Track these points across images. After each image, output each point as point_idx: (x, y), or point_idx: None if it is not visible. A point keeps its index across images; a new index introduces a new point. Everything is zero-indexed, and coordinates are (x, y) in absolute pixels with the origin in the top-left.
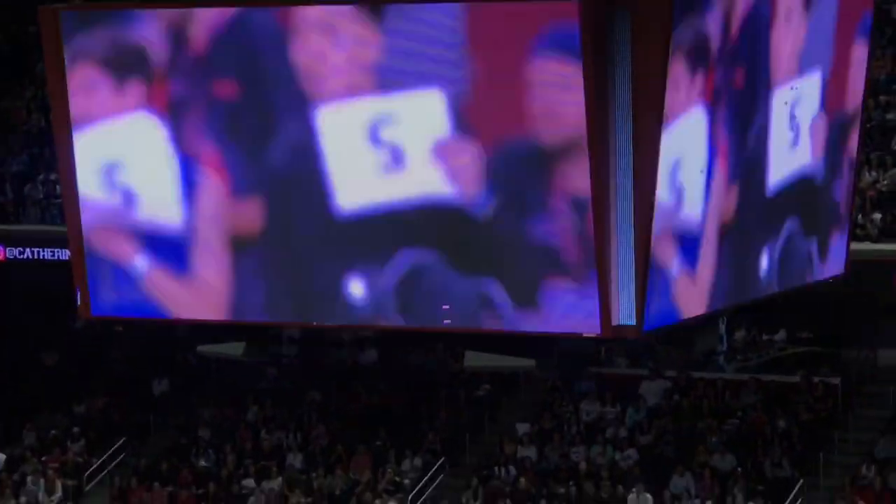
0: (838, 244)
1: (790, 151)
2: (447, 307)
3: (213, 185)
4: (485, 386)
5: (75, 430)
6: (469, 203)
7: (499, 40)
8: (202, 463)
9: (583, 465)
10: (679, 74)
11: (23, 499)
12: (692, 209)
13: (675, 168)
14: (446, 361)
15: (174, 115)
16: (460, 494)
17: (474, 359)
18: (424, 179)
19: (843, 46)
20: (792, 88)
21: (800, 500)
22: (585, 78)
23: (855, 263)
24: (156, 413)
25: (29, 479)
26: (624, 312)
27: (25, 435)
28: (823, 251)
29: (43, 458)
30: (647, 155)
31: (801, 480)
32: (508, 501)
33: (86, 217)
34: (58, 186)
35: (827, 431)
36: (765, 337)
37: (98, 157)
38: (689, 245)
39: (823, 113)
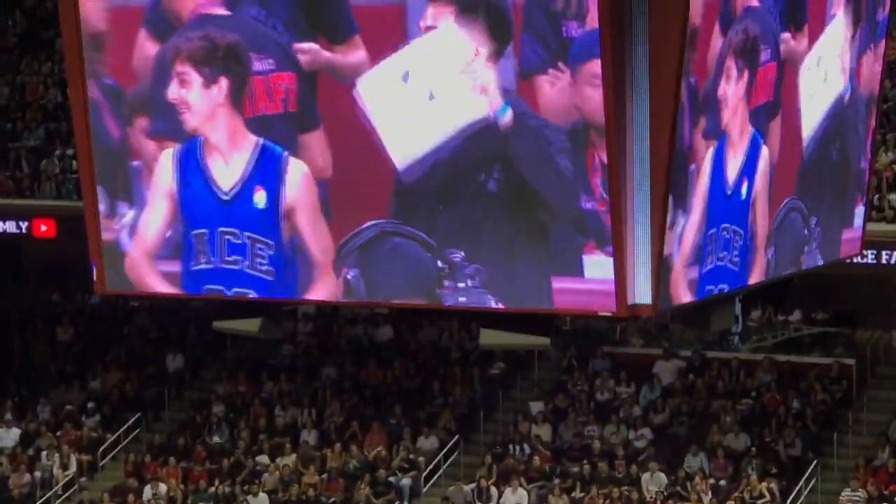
0: (854, 224)
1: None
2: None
3: None
4: (499, 364)
5: (90, 405)
6: None
7: None
8: (216, 439)
9: (597, 445)
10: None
11: (37, 473)
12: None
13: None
14: (461, 339)
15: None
16: (474, 472)
17: (489, 337)
18: None
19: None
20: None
21: (813, 480)
22: (603, 65)
23: (870, 244)
24: (170, 388)
25: (44, 454)
26: (640, 291)
27: (40, 410)
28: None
29: (58, 433)
30: (663, 129)
31: (815, 461)
32: (522, 480)
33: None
34: (74, 161)
35: (841, 412)
36: (780, 317)
37: None
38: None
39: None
